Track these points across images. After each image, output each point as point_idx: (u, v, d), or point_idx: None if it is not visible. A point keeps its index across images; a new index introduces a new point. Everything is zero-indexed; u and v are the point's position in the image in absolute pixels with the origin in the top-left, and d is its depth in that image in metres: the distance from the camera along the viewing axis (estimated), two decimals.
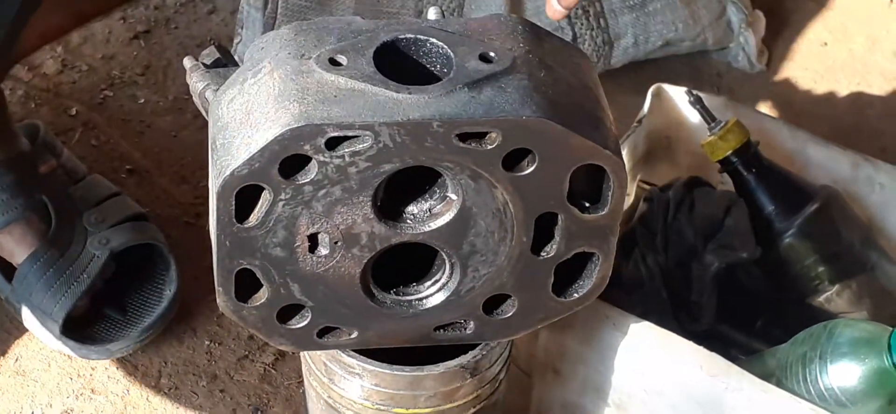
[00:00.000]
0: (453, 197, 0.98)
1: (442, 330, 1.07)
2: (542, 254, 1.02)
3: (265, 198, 0.94)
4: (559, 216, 1.00)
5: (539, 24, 1.04)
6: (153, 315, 1.46)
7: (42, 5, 1.36)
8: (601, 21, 1.81)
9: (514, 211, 0.98)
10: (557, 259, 1.03)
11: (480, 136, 0.93)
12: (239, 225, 0.95)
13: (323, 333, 1.05)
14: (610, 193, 1.00)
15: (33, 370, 1.45)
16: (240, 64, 1.02)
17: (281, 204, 0.94)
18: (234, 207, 0.94)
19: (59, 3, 1.39)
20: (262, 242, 0.96)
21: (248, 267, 0.98)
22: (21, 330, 1.48)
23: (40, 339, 1.47)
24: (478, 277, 1.02)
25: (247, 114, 0.94)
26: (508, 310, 1.06)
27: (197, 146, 1.71)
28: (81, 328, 1.45)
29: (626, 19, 1.83)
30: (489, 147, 0.93)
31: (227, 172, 0.92)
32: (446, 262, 1.02)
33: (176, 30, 1.90)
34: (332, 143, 0.92)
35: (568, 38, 1.77)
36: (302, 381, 1.44)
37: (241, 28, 1.82)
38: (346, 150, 0.92)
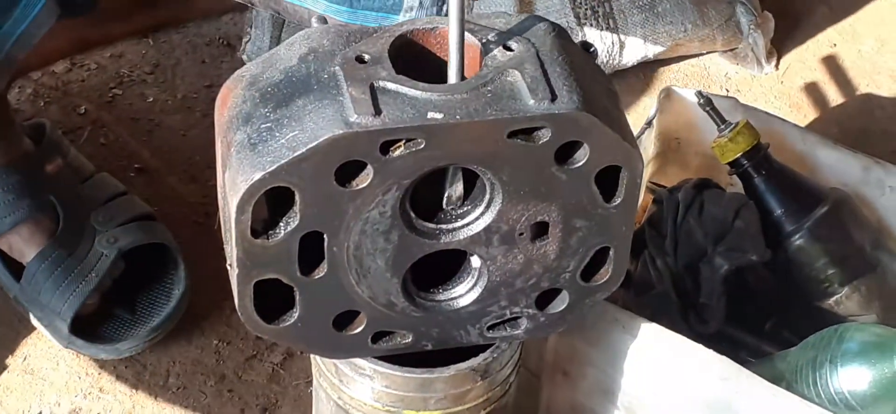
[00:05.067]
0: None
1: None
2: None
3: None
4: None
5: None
6: (162, 315, 1.46)
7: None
8: (610, 21, 1.81)
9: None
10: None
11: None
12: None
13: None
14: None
15: (42, 369, 1.46)
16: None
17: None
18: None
19: (61, 28, 1.41)
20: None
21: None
22: (29, 329, 1.48)
23: (49, 337, 1.47)
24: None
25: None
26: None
27: (206, 145, 1.70)
28: (90, 327, 1.45)
29: (635, 20, 1.82)
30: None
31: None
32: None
33: (184, 28, 1.90)
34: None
35: (577, 38, 1.77)
36: (310, 381, 1.44)
37: (251, 27, 1.82)
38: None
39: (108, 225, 1.48)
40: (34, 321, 1.47)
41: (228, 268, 1.00)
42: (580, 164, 0.97)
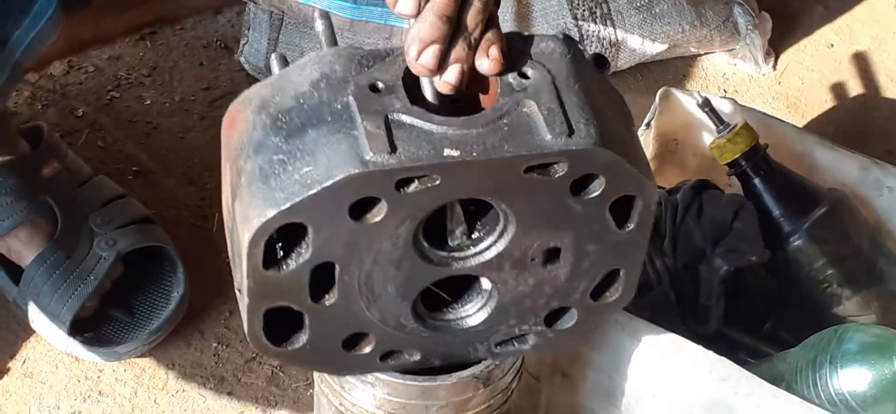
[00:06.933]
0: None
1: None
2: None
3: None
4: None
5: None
6: (161, 317, 1.46)
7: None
8: (608, 22, 1.81)
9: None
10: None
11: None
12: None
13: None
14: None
15: (41, 372, 1.45)
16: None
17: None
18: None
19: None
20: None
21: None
22: (28, 332, 1.48)
23: (48, 341, 1.47)
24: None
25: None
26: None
27: (204, 147, 1.71)
28: (89, 330, 1.45)
29: (633, 21, 1.82)
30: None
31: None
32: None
33: (182, 31, 1.90)
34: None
35: (574, 37, 1.76)
36: (310, 384, 1.44)
37: (248, 29, 1.82)
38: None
39: (107, 227, 1.47)
40: (33, 324, 1.46)
41: (238, 293, 0.99)
42: (595, 194, 0.96)
